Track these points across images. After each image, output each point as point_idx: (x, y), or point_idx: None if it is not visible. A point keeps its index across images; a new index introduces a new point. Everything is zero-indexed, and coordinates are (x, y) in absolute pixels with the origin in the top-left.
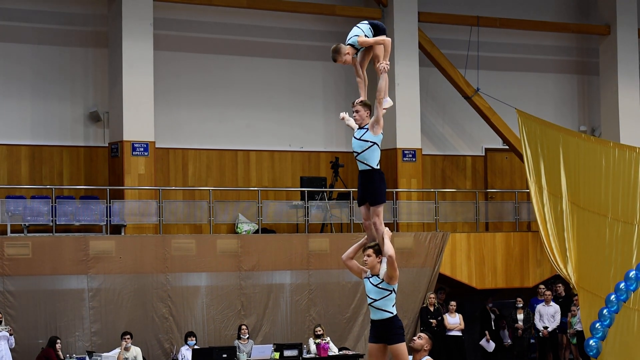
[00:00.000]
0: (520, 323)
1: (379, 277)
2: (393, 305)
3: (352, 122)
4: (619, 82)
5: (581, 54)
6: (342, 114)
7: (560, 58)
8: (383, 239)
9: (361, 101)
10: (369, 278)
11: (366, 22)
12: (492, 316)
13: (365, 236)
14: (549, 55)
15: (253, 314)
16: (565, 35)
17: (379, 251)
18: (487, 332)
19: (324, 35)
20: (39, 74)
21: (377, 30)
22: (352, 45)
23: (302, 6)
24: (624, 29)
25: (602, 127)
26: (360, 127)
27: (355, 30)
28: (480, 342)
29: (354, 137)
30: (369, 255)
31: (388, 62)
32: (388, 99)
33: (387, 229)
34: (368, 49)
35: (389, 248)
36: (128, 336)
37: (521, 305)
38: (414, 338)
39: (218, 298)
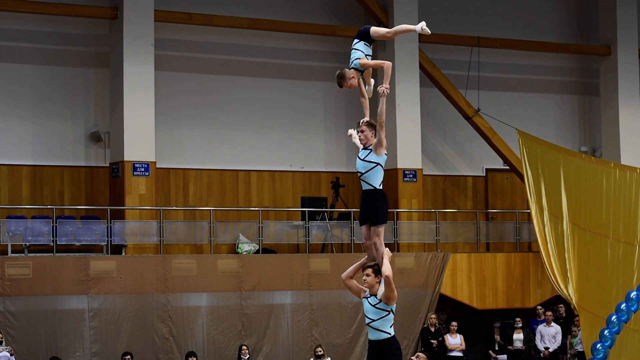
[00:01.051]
0: (519, 343)
1: (377, 298)
2: (391, 326)
3: (357, 141)
4: (619, 102)
5: (582, 75)
6: (350, 131)
7: (561, 79)
8: (382, 259)
9: (366, 121)
10: (367, 298)
11: (357, 39)
12: (497, 337)
13: (366, 256)
14: (549, 75)
15: (254, 334)
16: (565, 56)
17: (378, 271)
18: (491, 352)
19: (324, 55)
20: (40, 94)
21: (368, 37)
22: (355, 69)
23: (302, 27)
24: (625, 49)
25: (603, 147)
26: (364, 148)
27: (354, 54)
28: None
29: (358, 158)
30: (367, 275)
31: (388, 86)
32: (422, 24)
33: (387, 249)
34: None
35: (386, 268)
36: (128, 356)
37: (520, 325)
38: (412, 358)
39: (219, 318)
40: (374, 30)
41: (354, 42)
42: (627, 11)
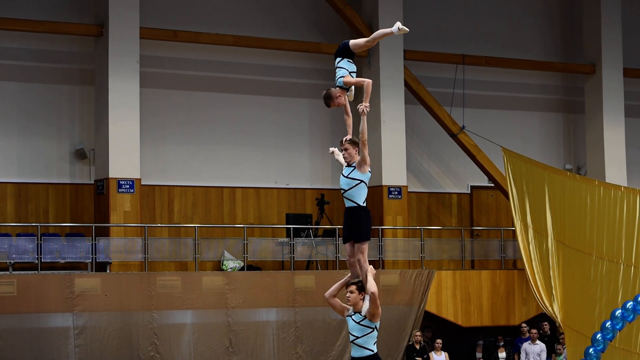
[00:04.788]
0: None
1: (361, 314)
2: (374, 343)
3: (341, 158)
4: (604, 120)
5: (567, 93)
6: (332, 149)
7: (546, 96)
8: (367, 276)
9: (349, 139)
10: (351, 316)
11: (339, 57)
12: (479, 355)
13: (349, 274)
14: (534, 93)
15: (241, 352)
16: (550, 74)
17: (362, 288)
18: None
19: (310, 72)
20: (25, 111)
21: (349, 52)
22: (340, 87)
23: (288, 44)
24: (609, 68)
25: (588, 165)
26: (348, 165)
27: (339, 72)
28: None
29: (342, 175)
30: (351, 292)
31: (368, 104)
32: (397, 25)
33: (371, 266)
34: None
35: (371, 285)
36: None
37: (502, 344)
38: None
39: (204, 335)
40: (353, 43)
41: (336, 61)
42: (612, 30)
